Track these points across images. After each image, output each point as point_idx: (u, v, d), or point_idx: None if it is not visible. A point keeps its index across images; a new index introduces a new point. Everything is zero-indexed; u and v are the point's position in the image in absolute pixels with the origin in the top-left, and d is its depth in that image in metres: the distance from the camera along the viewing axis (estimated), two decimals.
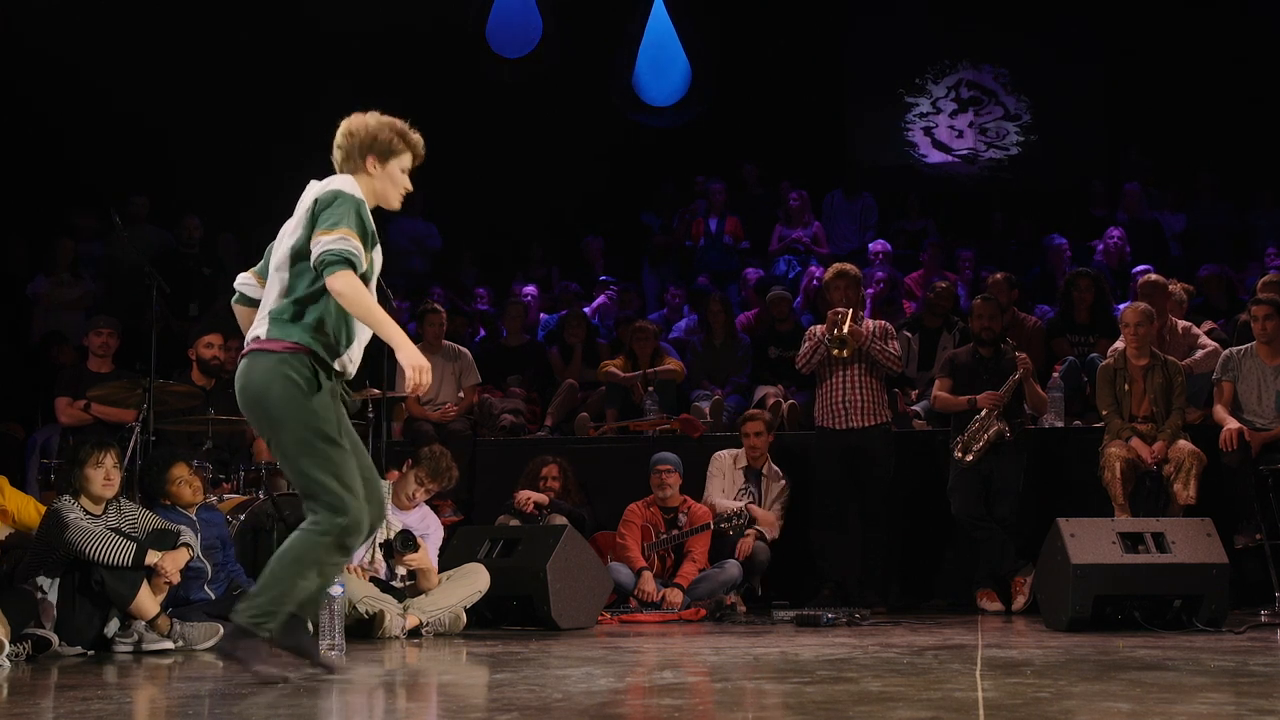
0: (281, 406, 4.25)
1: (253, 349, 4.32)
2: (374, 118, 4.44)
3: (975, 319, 8.09)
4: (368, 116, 4.44)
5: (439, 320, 9.30)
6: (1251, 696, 3.85)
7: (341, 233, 4.17)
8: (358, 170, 4.39)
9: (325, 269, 4.16)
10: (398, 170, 4.45)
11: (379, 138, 4.39)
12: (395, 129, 4.43)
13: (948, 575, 8.23)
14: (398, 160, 4.44)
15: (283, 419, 4.27)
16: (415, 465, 6.93)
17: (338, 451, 4.28)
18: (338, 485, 4.25)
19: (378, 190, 4.43)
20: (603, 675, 4.55)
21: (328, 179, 4.39)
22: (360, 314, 4.23)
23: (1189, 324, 8.57)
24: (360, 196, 4.30)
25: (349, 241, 4.17)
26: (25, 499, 6.55)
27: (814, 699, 3.87)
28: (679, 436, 8.81)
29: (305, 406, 4.25)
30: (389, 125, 4.43)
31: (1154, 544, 6.31)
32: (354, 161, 4.39)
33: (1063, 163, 13.34)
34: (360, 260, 4.20)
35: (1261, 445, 7.34)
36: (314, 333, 4.28)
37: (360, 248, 4.20)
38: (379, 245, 4.44)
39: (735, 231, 12.23)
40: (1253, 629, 6.20)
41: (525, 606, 6.89)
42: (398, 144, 4.42)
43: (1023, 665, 4.70)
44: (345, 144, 4.41)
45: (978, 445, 7.71)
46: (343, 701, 4.16)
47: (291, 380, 4.24)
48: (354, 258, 4.17)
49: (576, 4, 13.57)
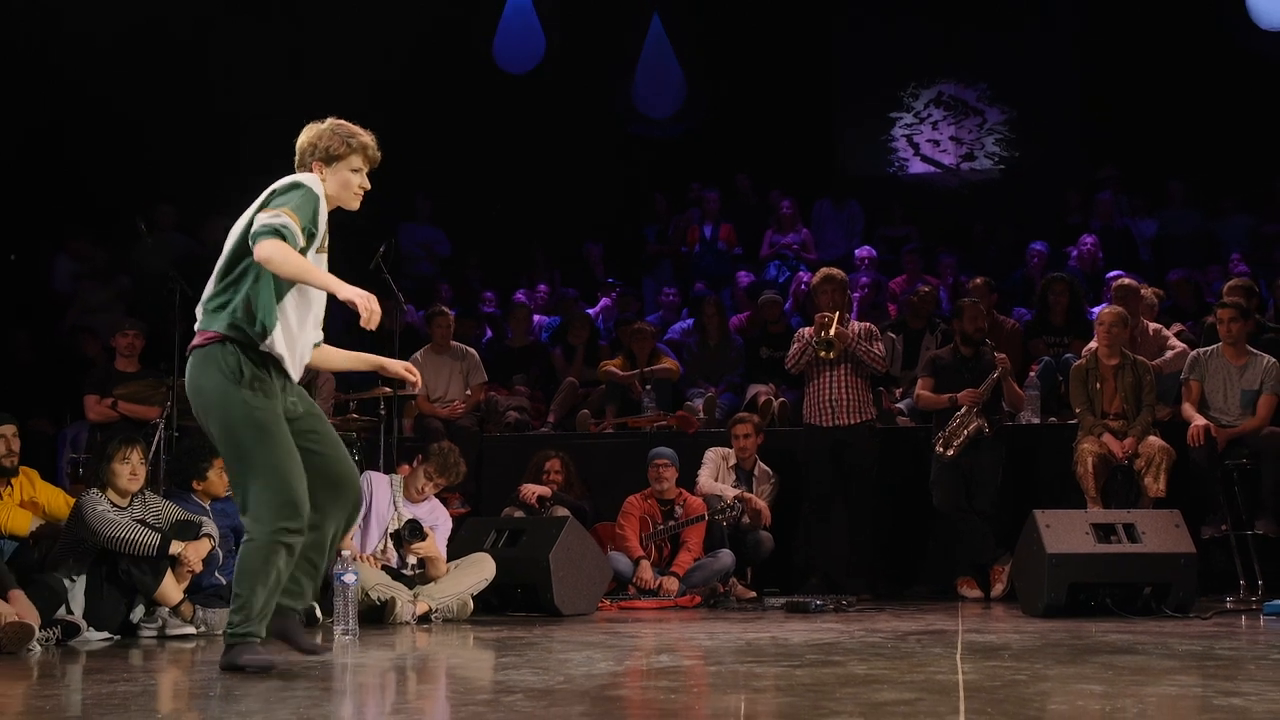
0: (210, 399, 4.08)
1: (191, 346, 4.17)
2: (323, 124, 4.29)
3: (967, 320, 8.08)
4: (318, 124, 4.29)
5: (447, 322, 9.30)
6: (1217, 679, 3.86)
7: (281, 212, 3.99)
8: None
9: (253, 242, 3.96)
10: (346, 172, 4.25)
11: (320, 143, 4.24)
12: (341, 133, 4.26)
13: (930, 564, 8.23)
14: (345, 163, 4.25)
15: (210, 411, 4.09)
16: (424, 461, 6.93)
17: (263, 449, 4.06)
18: (268, 478, 4.05)
19: (329, 194, 4.23)
20: (603, 659, 4.55)
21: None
22: (292, 274, 3.97)
23: (1159, 326, 8.58)
24: (320, 192, 4.16)
25: (283, 218, 3.97)
26: (55, 491, 6.56)
27: (803, 681, 3.87)
28: (675, 432, 8.81)
29: (230, 397, 4.04)
30: (333, 130, 4.27)
31: (1125, 534, 6.33)
32: (304, 169, 4.25)
33: (1039, 173, 13.33)
34: (294, 237, 3.98)
35: (1227, 441, 7.35)
36: (234, 319, 4.07)
37: (296, 228, 3.99)
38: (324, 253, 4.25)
39: (729, 238, 12.24)
40: (1218, 615, 6.22)
41: (529, 594, 6.90)
42: (341, 148, 4.24)
43: (1001, 649, 4.70)
44: (298, 153, 4.28)
45: (958, 441, 7.72)
46: (356, 683, 4.17)
47: (217, 371, 4.06)
48: (286, 231, 3.95)
49: (579, 23, 13.58)
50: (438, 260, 12.53)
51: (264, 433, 4.06)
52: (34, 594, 5.32)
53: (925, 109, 13.97)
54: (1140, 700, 3.43)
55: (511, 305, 10.96)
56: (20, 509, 6.27)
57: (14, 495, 6.30)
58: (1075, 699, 3.50)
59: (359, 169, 4.28)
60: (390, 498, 6.81)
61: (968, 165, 13.88)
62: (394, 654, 5.14)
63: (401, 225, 12.05)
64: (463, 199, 12.74)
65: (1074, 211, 12.09)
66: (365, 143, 4.28)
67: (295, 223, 4.00)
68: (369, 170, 4.31)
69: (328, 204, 4.23)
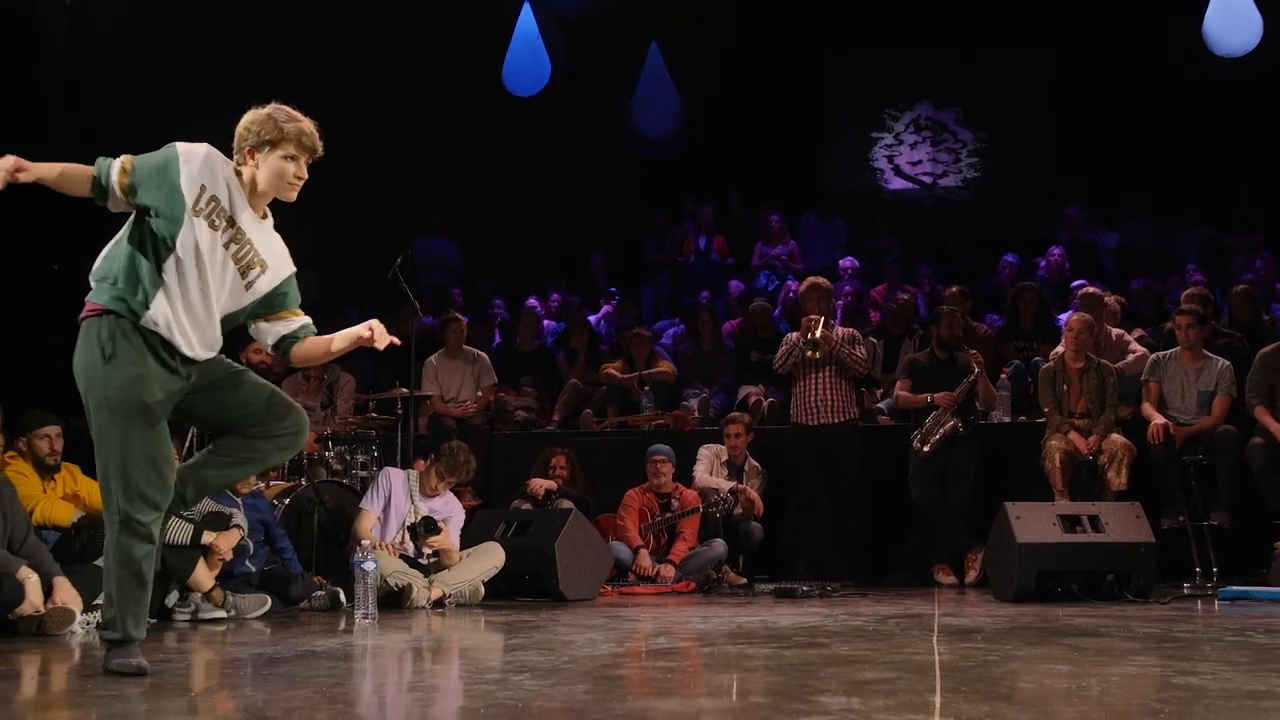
0: (81, 378, 3.67)
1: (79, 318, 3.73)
2: (262, 109, 3.80)
3: (943, 326, 8.08)
4: (259, 108, 3.81)
5: (460, 328, 9.31)
6: (1175, 659, 3.87)
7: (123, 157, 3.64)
8: (243, 163, 3.77)
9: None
10: (278, 159, 3.73)
11: (254, 128, 3.75)
12: (277, 117, 3.76)
13: (908, 553, 8.23)
14: (278, 150, 3.73)
15: (80, 384, 3.67)
16: (436, 461, 6.92)
17: (130, 427, 3.60)
18: (125, 466, 3.60)
19: (259, 180, 3.75)
20: (604, 641, 4.55)
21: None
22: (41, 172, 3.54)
23: (1121, 331, 8.58)
24: (178, 151, 3.67)
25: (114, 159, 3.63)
26: (95, 485, 6.54)
27: (790, 661, 3.87)
28: (672, 430, 8.81)
29: (95, 375, 3.63)
30: (267, 115, 3.77)
31: (1090, 525, 6.33)
32: (240, 155, 3.77)
33: (1010, 190, 13.33)
34: (106, 170, 3.62)
35: (1184, 439, 7.35)
36: (115, 290, 3.65)
37: (111, 161, 3.63)
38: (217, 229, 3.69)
39: (722, 249, 12.23)
40: (1176, 600, 6.22)
41: (536, 580, 6.91)
42: (274, 132, 3.73)
43: (974, 632, 4.70)
44: (235, 137, 3.80)
45: (935, 438, 7.72)
46: (376, 664, 4.17)
47: (88, 348, 3.65)
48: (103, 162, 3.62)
49: (582, 50, 13.60)
50: (450, 271, 12.53)
51: (117, 414, 3.60)
52: (76, 581, 5.33)
53: (905, 130, 13.98)
54: (1104, 679, 3.43)
55: (520, 312, 10.96)
56: (63, 502, 6.27)
57: (57, 489, 6.30)
58: (1043, 678, 3.50)
59: (294, 156, 3.76)
60: (407, 492, 6.82)
61: (944, 182, 13.88)
62: (410, 636, 5.14)
63: (417, 238, 12.05)
64: (474, 213, 12.74)
65: (1042, 225, 12.11)
66: (302, 129, 3.77)
67: (122, 162, 3.64)
68: (308, 160, 3.80)
69: (258, 194, 3.78)
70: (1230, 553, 7.18)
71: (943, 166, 13.89)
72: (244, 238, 3.75)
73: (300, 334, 3.91)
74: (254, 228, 3.79)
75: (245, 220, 3.76)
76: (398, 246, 8.32)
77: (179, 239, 3.63)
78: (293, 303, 3.93)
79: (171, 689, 3.46)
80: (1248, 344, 8.07)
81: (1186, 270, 10.64)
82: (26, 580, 5.10)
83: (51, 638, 5.00)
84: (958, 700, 3.03)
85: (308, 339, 3.92)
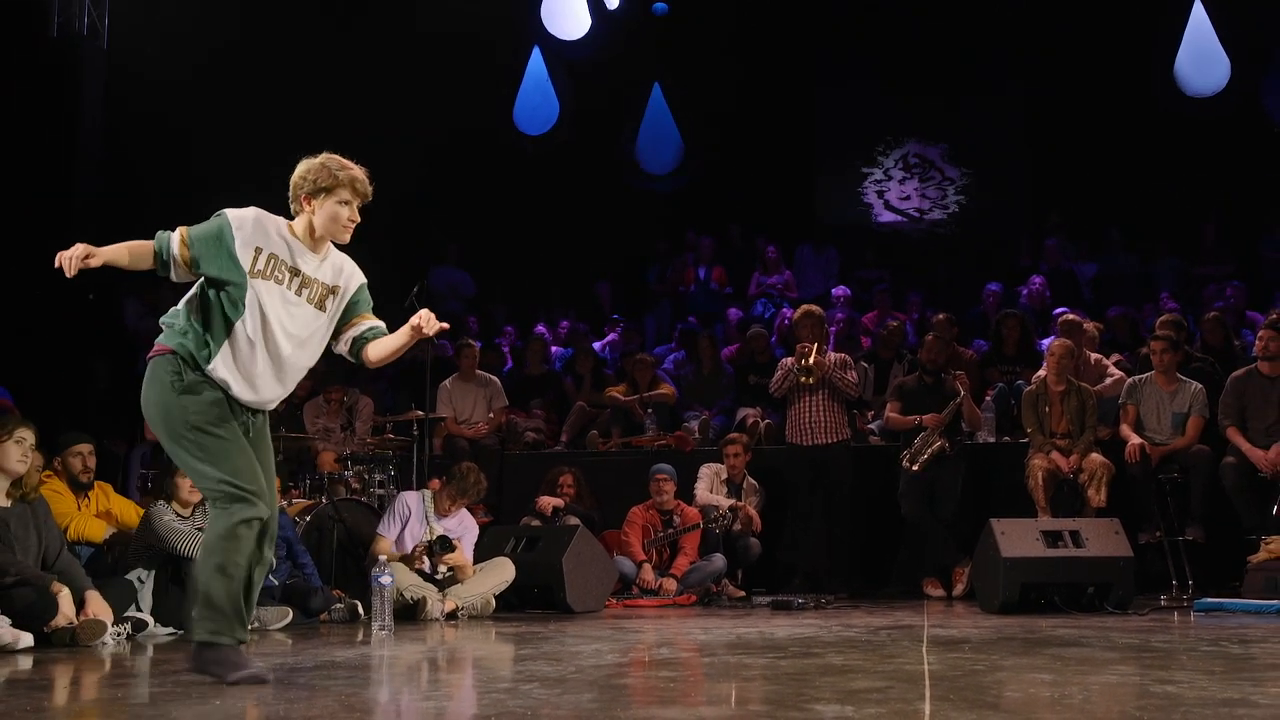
0: (152, 411, 3.75)
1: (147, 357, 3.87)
2: (315, 159, 3.89)
3: (927, 351, 8.10)
4: (311, 158, 3.90)
5: (473, 354, 9.31)
6: (1153, 669, 3.85)
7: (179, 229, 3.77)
8: (299, 211, 3.88)
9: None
10: (334, 205, 3.83)
11: (309, 177, 3.84)
12: (331, 166, 3.86)
13: (899, 566, 8.18)
14: (333, 195, 3.82)
15: (155, 423, 3.77)
16: (447, 484, 6.88)
17: (212, 440, 3.68)
18: (217, 471, 3.66)
19: (316, 225, 3.84)
20: (610, 651, 4.54)
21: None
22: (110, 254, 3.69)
23: (1100, 356, 8.57)
24: (229, 219, 3.78)
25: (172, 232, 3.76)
26: (126, 503, 6.56)
27: (786, 671, 3.86)
28: (673, 450, 8.79)
29: (169, 405, 3.71)
30: (321, 164, 3.86)
31: (1071, 540, 6.31)
32: (296, 204, 3.87)
33: (994, 222, 13.34)
34: (166, 244, 3.74)
35: (1160, 458, 7.34)
36: (180, 336, 3.76)
37: (170, 235, 3.75)
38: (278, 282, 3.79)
39: (721, 279, 12.24)
40: (1154, 612, 6.20)
41: (545, 593, 6.88)
42: (328, 180, 3.82)
43: (962, 642, 4.69)
44: (290, 187, 3.89)
45: (923, 457, 7.70)
46: (392, 673, 4.15)
47: (158, 382, 3.73)
48: (162, 236, 3.75)
49: (589, 90, 13.67)
50: (464, 299, 12.55)
51: (202, 433, 3.68)
52: (108, 594, 5.32)
53: (894, 166, 14.01)
54: (1085, 687, 3.42)
55: (530, 338, 10.97)
56: (95, 519, 6.27)
57: (90, 506, 6.30)
58: (1028, 686, 3.49)
59: (347, 201, 3.85)
60: (423, 513, 6.79)
61: (931, 216, 13.90)
62: (425, 647, 5.13)
63: (433, 268, 12.08)
64: (487, 244, 12.78)
65: (1024, 256, 12.11)
66: (354, 176, 3.87)
67: (180, 235, 3.75)
68: (360, 204, 3.89)
69: (315, 239, 3.87)
70: (1205, 566, 7.15)
71: (930, 201, 13.91)
72: (310, 280, 3.86)
73: (369, 335, 3.97)
74: (317, 268, 3.88)
75: (307, 264, 3.86)
76: (414, 276, 8.33)
77: (244, 301, 3.73)
78: (365, 308, 4.00)
79: (198, 699, 3.44)
80: (1219, 368, 8.05)
81: (1161, 298, 10.64)
82: (59, 594, 5.09)
83: (84, 648, 4.98)
84: (946, 708, 3.01)
85: (376, 339, 3.97)
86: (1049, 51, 12.65)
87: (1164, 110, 12.49)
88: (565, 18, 13.72)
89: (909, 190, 13.97)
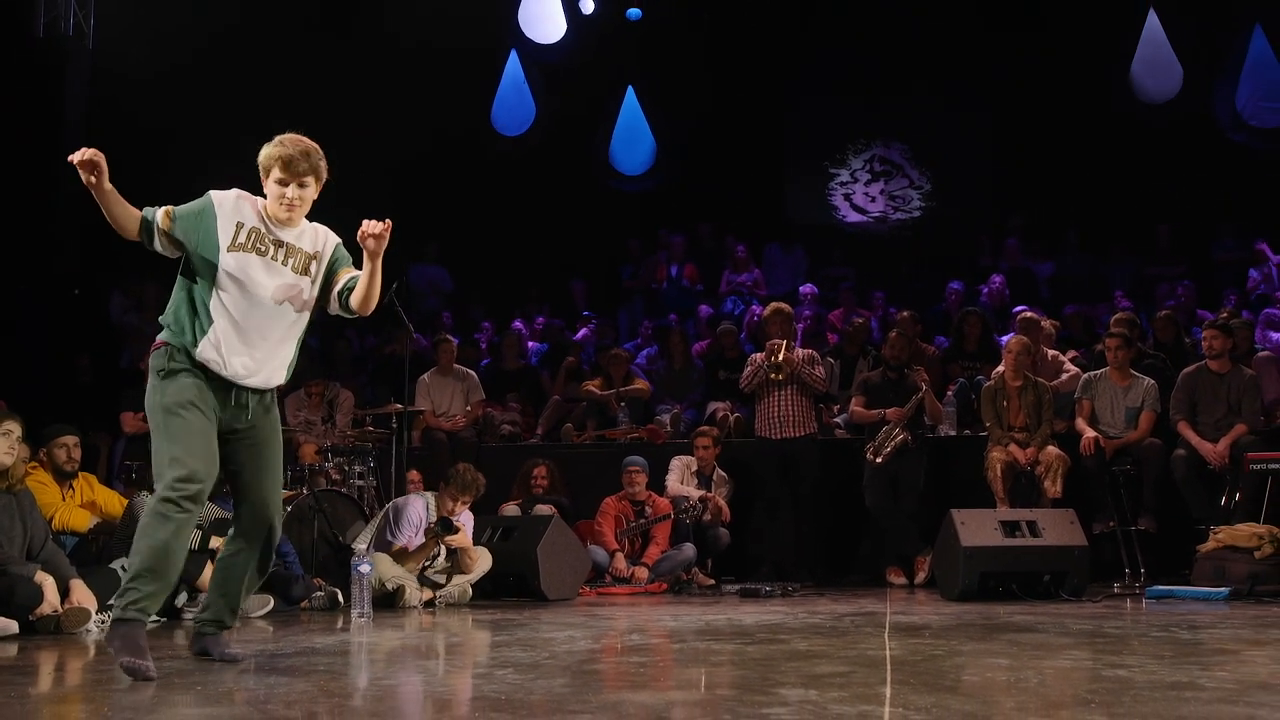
0: (145, 398, 3.75)
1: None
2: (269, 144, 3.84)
3: (889, 348, 8.13)
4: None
5: (450, 349, 9.28)
6: (1106, 653, 3.88)
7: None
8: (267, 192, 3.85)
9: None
10: (271, 184, 3.79)
11: (260, 160, 3.82)
12: (267, 146, 3.80)
13: (863, 555, 8.23)
14: (271, 175, 3.78)
15: (146, 409, 3.76)
16: (448, 485, 6.75)
17: (174, 420, 3.62)
18: (169, 448, 3.61)
19: (268, 205, 3.82)
20: (583, 638, 4.54)
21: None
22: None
23: (1056, 352, 8.62)
24: (212, 198, 3.77)
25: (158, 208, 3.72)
26: (110, 494, 6.52)
27: (754, 656, 3.87)
28: (646, 443, 8.79)
29: (153, 395, 3.69)
30: (267, 146, 3.81)
31: (1028, 530, 6.35)
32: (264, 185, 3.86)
33: (955, 222, 13.41)
34: (151, 218, 3.69)
35: (1114, 451, 7.39)
36: (171, 328, 3.74)
37: (159, 211, 3.70)
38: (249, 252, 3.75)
39: (692, 276, 12.25)
40: (1107, 599, 6.24)
41: (520, 582, 6.87)
42: (264, 160, 3.79)
43: (923, 628, 4.71)
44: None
45: (886, 450, 7.73)
46: (371, 659, 4.14)
47: (150, 373, 3.75)
48: (148, 211, 3.70)
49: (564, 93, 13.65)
50: (442, 295, 12.51)
51: (168, 414, 3.64)
52: (92, 582, 5.27)
53: (860, 169, 14.06)
54: (1040, 671, 3.45)
55: (506, 333, 10.94)
56: (80, 509, 6.22)
57: (75, 497, 6.25)
58: (985, 671, 3.51)
59: (283, 180, 3.76)
60: (425, 516, 6.70)
61: (895, 216, 13.96)
62: (403, 634, 5.11)
63: (412, 265, 12.03)
64: (464, 242, 12.74)
65: (984, 255, 12.17)
66: (286, 154, 3.75)
67: (166, 209, 3.72)
68: (306, 183, 3.79)
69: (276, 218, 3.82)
70: (1156, 555, 7.20)
71: (894, 202, 13.96)
72: (292, 248, 3.85)
73: (350, 285, 3.91)
74: (297, 238, 3.87)
75: (287, 236, 3.84)
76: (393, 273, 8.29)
77: (219, 274, 3.70)
78: (345, 264, 3.96)
79: (180, 683, 3.42)
80: (1171, 364, 8.12)
81: (1115, 297, 10.72)
82: (44, 583, 5.05)
83: (68, 635, 4.94)
84: (907, 691, 3.03)
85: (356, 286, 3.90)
86: (1011, 59, 12.73)
87: (1120, 116, 12.59)
88: (542, 22, 13.71)
89: (874, 192, 14.02)
